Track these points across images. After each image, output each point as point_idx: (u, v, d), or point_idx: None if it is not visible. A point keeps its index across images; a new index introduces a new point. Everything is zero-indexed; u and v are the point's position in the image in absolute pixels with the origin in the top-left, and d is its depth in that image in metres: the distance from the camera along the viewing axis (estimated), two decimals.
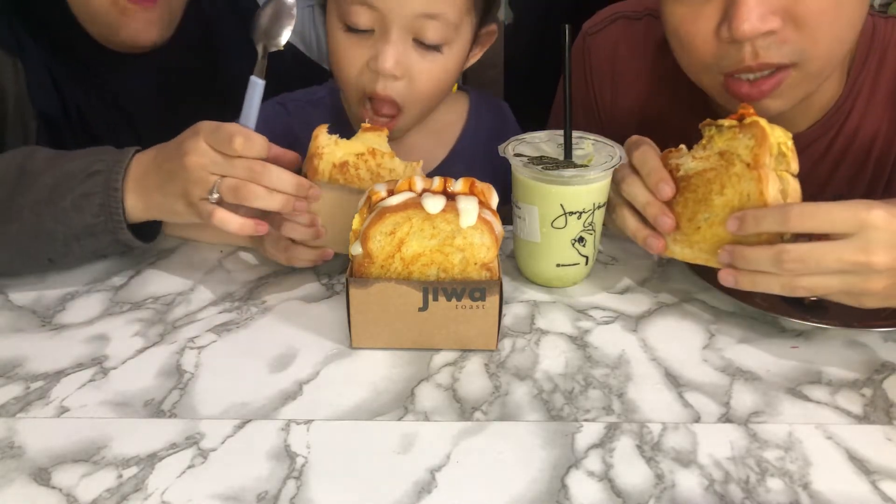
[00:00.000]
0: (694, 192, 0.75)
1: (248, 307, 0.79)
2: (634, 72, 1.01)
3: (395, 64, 0.84)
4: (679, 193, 0.76)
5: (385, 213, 0.67)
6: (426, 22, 0.84)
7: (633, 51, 1.01)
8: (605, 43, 1.03)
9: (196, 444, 0.60)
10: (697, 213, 0.75)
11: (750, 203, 0.71)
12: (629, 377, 0.69)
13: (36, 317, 0.77)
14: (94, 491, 0.56)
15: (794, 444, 0.61)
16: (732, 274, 0.71)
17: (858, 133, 0.90)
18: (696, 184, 0.75)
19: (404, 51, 0.85)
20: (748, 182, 0.71)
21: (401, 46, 0.85)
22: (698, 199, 0.75)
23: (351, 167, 0.79)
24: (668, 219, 0.76)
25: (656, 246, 0.78)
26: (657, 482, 0.57)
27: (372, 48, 0.85)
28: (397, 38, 0.84)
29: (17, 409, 0.64)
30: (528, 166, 0.76)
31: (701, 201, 0.75)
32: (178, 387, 0.67)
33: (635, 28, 1.02)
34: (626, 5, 1.05)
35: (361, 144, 0.80)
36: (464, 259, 0.69)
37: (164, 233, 0.87)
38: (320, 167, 0.78)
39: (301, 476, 0.57)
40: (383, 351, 0.72)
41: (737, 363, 0.71)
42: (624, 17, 1.03)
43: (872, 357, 0.72)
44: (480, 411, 0.64)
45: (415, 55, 0.86)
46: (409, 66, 0.86)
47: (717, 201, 0.74)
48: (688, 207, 0.76)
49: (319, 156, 0.78)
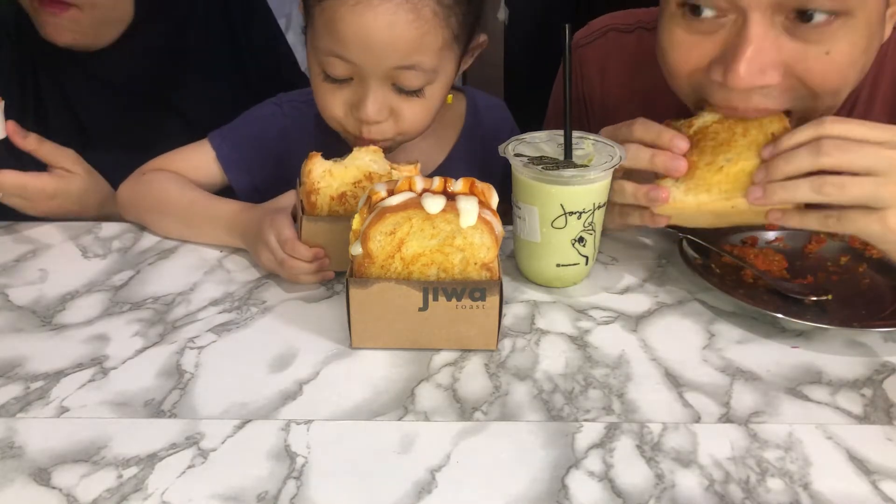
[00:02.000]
0: (713, 140, 0.76)
1: (248, 307, 0.79)
2: (624, 86, 1.01)
3: (377, 112, 0.85)
4: (692, 146, 0.76)
5: (385, 213, 0.67)
6: (403, 72, 0.83)
7: (623, 65, 1.01)
8: (594, 56, 1.03)
9: (196, 444, 0.60)
10: (717, 156, 0.75)
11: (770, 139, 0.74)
12: (629, 377, 0.69)
13: (36, 317, 0.77)
14: (94, 491, 0.56)
15: (795, 444, 0.61)
16: (761, 188, 0.72)
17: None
18: (714, 131, 0.76)
19: (384, 98, 0.85)
20: (773, 123, 0.74)
21: (380, 94, 0.85)
22: (718, 144, 0.76)
23: (349, 197, 0.80)
24: (681, 161, 0.75)
25: (661, 196, 0.75)
26: (657, 482, 0.57)
27: (353, 94, 0.86)
28: (376, 87, 0.84)
29: (17, 409, 0.64)
30: (528, 166, 0.76)
31: (722, 145, 0.75)
32: (178, 387, 0.67)
33: (626, 41, 1.01)
34: (618, 17, 1.04)
35: (357, 170, 0.80)
36: (464, 259, 0.69)
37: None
38: (318, 202, 0.79)
39: (301, 476, 0.57)
40: (383, 351, 0.72)
41: (737, 363, 0.71)
42: (615, 30, 1.02)
43: (872, 357, 0.72)
44: (480, 411, 0.64)
45: (396, 99, 0.86)
46: (392, 108, 0.86)
47: (741, 142, 0.75)
48: (705, 155, 0.76)
49: (316, 192, 0.79)
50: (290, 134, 1.00)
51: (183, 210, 0.91)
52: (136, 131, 0.80)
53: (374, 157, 0.81)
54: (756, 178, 0.73)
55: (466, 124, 1.03)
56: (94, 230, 0.95)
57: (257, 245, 0.82)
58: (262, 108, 1.02)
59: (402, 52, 0.82)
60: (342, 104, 0.87)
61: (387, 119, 0.86)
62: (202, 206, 0.91)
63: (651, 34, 0.95)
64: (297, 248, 0.77)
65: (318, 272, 0.79)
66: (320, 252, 0.78)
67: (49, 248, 0.90)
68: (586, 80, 1.03)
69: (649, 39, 0.98)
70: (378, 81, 0.84)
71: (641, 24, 1.01)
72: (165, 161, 0.98)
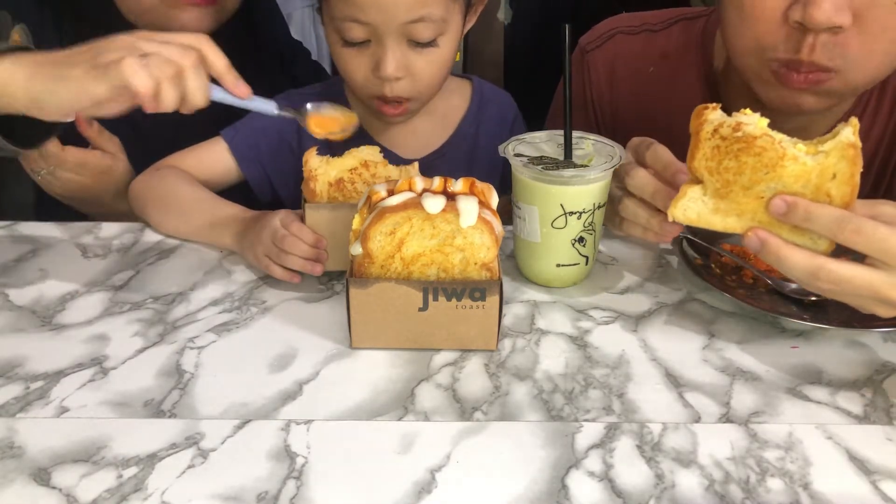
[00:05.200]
0: (757, 156, 0.64)
1: (248, 307, 0.79)
2: (633, 88, 1.01)
3: (396, 68, 0.89)
4: (731, 155, 0.65)
5: (385, 213, 0.67)
6: (415, 25, 0.88)
7: (631, 67, 1.01)
8: (602, 60, 1.03)
9: (196, 444, 0.60)
10: (759, 182, 0.65)
11: (835, 184, 0.63)
12: (629, 377, 0.69)
13: (36, 317, 0.77)
14: (94, 491, 0.56)
15: (795, 444, 0.61)
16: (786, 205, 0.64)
17: (867, 140, 0.91)
18: (762, 146, 0.64)
19: (402, 54, 0.90)
20: (840, 160, 0.62)
21: (398, 51, 0.89)
22: (762, 164, 0.64)
23: (347, 183, 0.82)
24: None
25: (673, 232, 0.76)
26: (657, 482, 0.57)
27: (372, 57, 0.91)
28: (393, 44, 0.89)
29: (17, 409, 0.64)
30: (528, 166, 0.76)
31: (766, 167, 0.64)
32: (178, 387, 0.67)
33: (633, 43, 1.02)
34: (623, 20, 1.04)
35: (353, 159, 0.83)
36: (464, 259, 0.69)
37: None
38: (317, 189, 0.82)
39: (301, 476, 0.57)
40: (383, 351, 0.71)
41: (737, 363, 0.71)
42: (621, 33, 1.03)
43: (872, 357, 0.72)
44: (480, 411, 0.64)
45: (413, 55, 0.90)
46: (409, 65, 0.91)
47: (791, 170, 0.63)
48: (744, 173, 0.65)
49: (314, 178, 0.82)
50: (298, 127, 1.02)
51: (186, 207, 0.93)
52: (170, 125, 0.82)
53: (371, 153, 0.83)
54: (750, 242, 0.66)
55: (469, 109, 1.07)
56: (94, 230, 0.95)
57: (254, 234, 0.82)
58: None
59: (412, 5, 0.86)
60: (363, 68, 0.92)
61: (405, 76, 0.91)
62: (206, 206, 0.92)
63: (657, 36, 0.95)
64: (302, 229, 0.79)
65: (313, 260, 0.78)
66: (322, 242, 0.79)
67: (49, 248, 0.90)
68: (595, 84, 1.03)
69: (656, 41, 0.98)
70: (394, 38, 0.88)
71: (647, 27, 1.01)
72: (180, 157, 1.00)
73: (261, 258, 0.81)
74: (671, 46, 0.98)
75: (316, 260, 0.78)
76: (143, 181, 0.98)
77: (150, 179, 0.98)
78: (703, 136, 0.66)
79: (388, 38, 0.88)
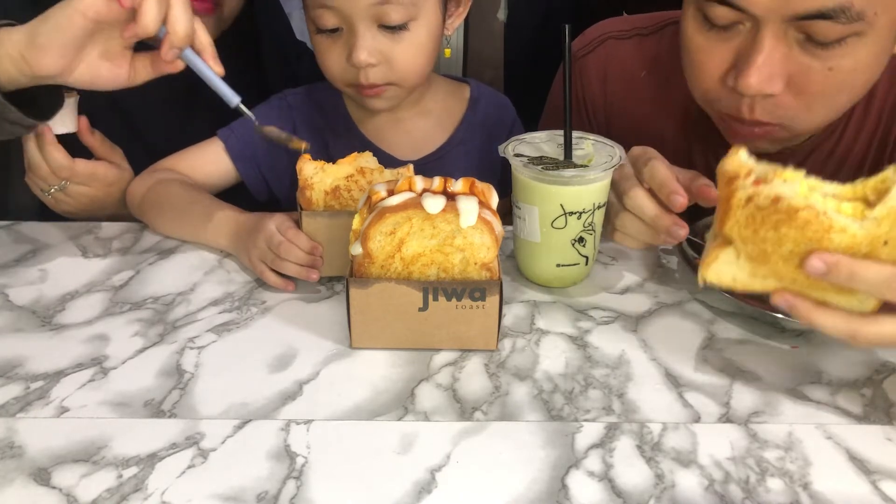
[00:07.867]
0: (794, 225, 0.57)
1: (248, 307, 0.79)
2: (626, 93, 1.01)
3: (368, 55, 0.89)
4: (770, 227, 0.58)
5: (385, 213, 0.67)
6: (383, 7, 0.87)
7: (623, 72, 1.01)
8: (595, 65, 1.03)
9: (196, 444, 0.60)
10: (802, 254, 0.58)
11: (886, 250, 0.57)
12: (629, 377, 0.69)
13: (36, 317, 0.77)
14: (94, 491, 0.56)
15: (794, 444, 0.61)
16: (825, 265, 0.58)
17: (857, 140, 0.91)
18: (806, 218, 0.56)
19: (373, 39, 0.89)
20: (893, 227, 0.56)
21: (369, 37, 0.89)
22: (808, 237, 0.57)
23: (343, 191, 0.82)
24: (682, 230, 0.74)
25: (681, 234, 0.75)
26: (657, 482, 0.57)
27: (345, 45, 0.91)
28: (364, 30, 0.89)
29: (17, 409, 0.64)
30: (528, 166, 0.76)
31: (806, 234, 0.57)
32: (178, 387, 0.67)
33: (624, 48, 1.01)
34: (614, 24, 1.04)
35: (349, 166, 0.82)
36: (464, 259, 0.69)
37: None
38: (313, 197, 0.81)
39: (301, 476, 0.57)
40: (383, 351, 0.72)
41: (737, 363, 0.71)
42: (612, 38, 1.03)
43: (872, 357, 0.72)
44: (480, 411, 0.64)
45: (384, 40, 0.90)
46: (382, 51, 0.90)
47: (839, 241, 0.56)
48: (783, 244, 0.58)
49: (310, 186, 0.81)
50: (294, 122, 1.04)
51: (181, 209, 0.93)
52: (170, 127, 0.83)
53: (366, 159, 0.83)
54: (777, 300, 0.62)
55: (468, 112, 1.06)
56: (94, 230, 0.95)
57: (250, 238, 0.82)
58: (267, 102, 1.06)
59: None
60: (337, 57, 0.92)
61: (380, 62, 0.91)
62: (200, 207, 0.92)
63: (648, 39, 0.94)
64: (298, 235, 0.78)
65: (309, 267, 0.78)
66: (318, 248, 0.78)
67: (49, 248, 0.91)
68: (587, 89, 1.03)
69: (647, 45, 0.98)
70: (364, 24, 0.88)
71: (637, 31, 1.01)
72: (177, 159, 1.01)
73: (256, 262, 0.81)
74: (663, 50, 0.98)
75: (312, 267, 0.78)
76: (139, 184, 0.98)
77: (146, 182, 0.98)
78: (736, 204, 0.59)
79: (359, 24, 0.88)
